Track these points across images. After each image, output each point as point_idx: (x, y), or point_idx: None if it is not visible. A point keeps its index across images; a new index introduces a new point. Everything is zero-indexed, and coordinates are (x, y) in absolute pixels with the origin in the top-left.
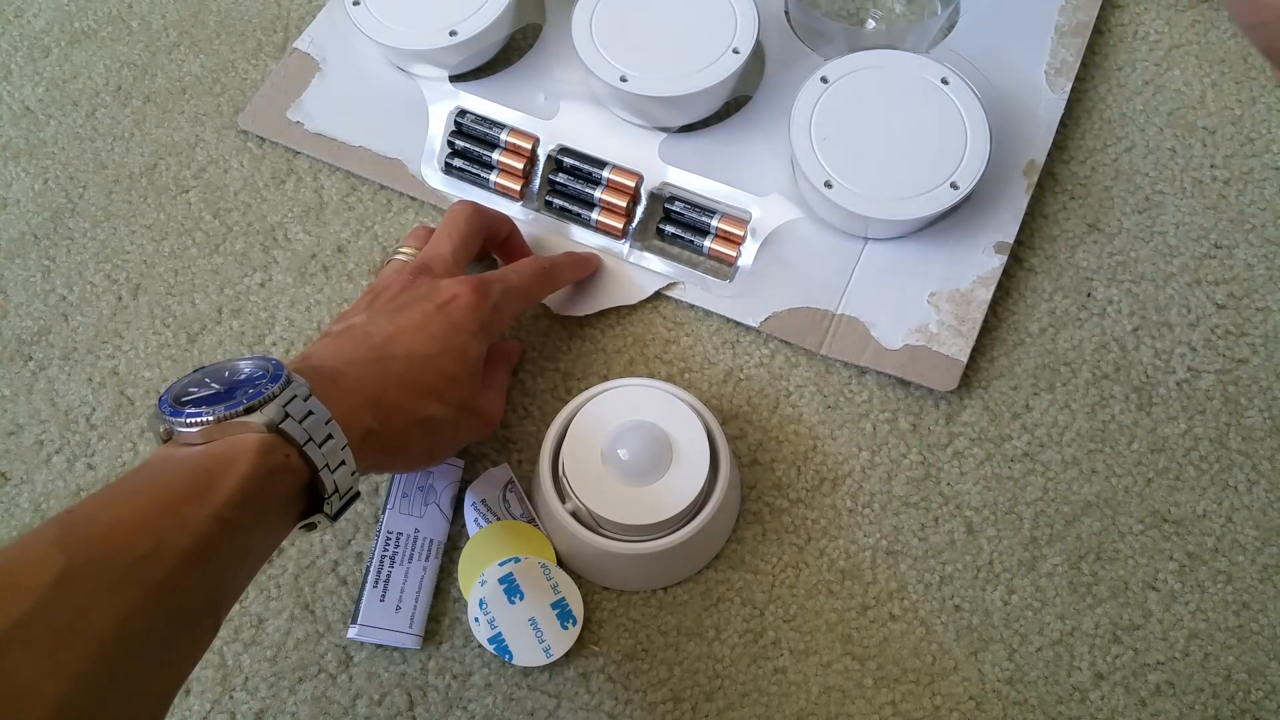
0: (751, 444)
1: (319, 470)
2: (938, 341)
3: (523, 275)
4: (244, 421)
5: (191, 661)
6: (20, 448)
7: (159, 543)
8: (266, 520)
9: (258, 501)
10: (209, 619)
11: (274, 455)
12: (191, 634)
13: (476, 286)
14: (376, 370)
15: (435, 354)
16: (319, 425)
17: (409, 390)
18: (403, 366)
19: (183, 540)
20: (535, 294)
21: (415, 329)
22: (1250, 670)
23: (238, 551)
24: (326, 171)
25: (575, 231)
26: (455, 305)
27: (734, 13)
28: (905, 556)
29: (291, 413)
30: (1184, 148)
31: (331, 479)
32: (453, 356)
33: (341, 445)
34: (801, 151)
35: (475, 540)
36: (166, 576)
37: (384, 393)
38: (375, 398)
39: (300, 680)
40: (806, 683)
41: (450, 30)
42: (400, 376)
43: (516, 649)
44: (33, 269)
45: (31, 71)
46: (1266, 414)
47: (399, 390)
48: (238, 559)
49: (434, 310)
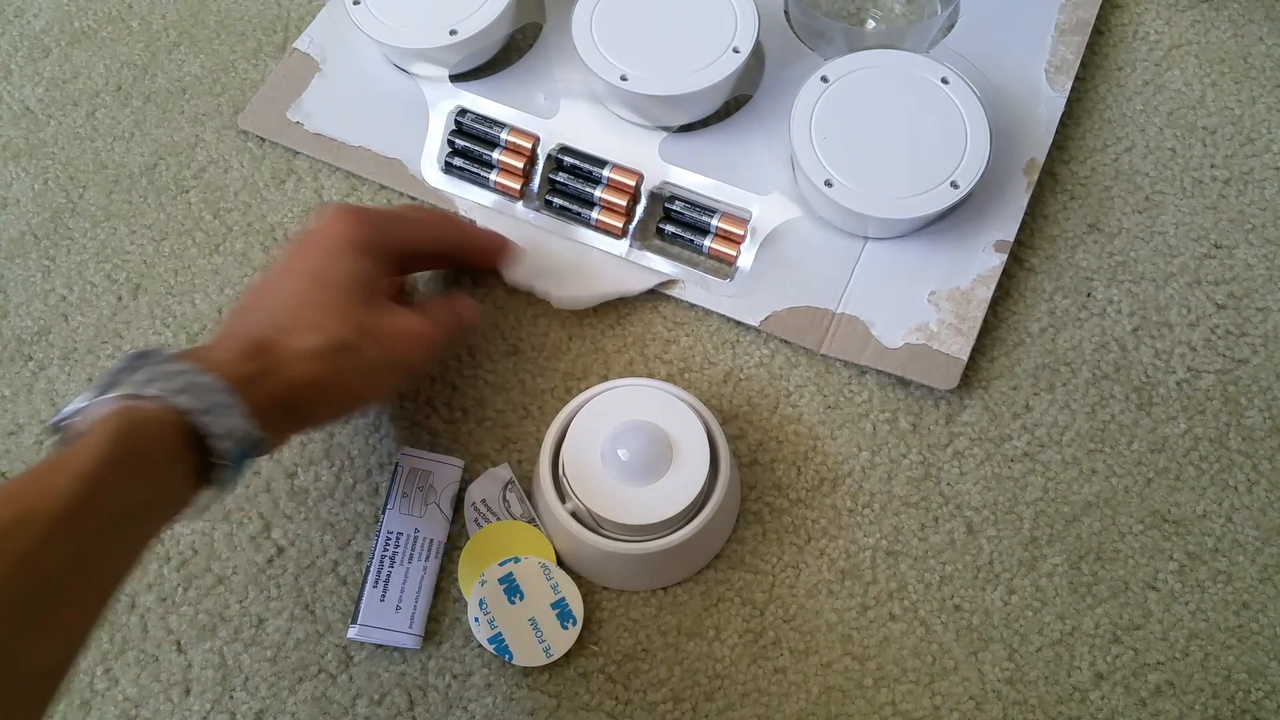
0: (751, 444)
1: (189, 415)
2: (938, 340)
3: (415, 208)
4: (105, 399)
5: (79, 632)
6: (20, 448)
7: (24, 511)
8: (144, 474)
9: (126, 457)
10: (91, 585)
11: (135, 412)
12: (73, 602)
13: (345, 208)
14: (250, 320)
15: (306, 286)
16: (175, 376)
17: (284, 328)
18: (273, 305)
19: (48, 506)
20: (432, 229)
21: (283, 269)
22: (1250, 670)
23: (114, 511)
24: (326, 171)
25: (576, 231)
26: (323, 233)
27: (734, 12)
28: (905, 556)
29: (151, 376)
30: (1184, 148)
31: (212, 423)
32: (324, 281)
33: (214, 389)
34: (802, 150)
35: (475, 540)
36: (33, 543)
37: (259, 335)
38: (251, 342)
39: (300, 680)
40: (806, 683)
41: (450, 29)
42: (273, 316)
43: (516, 649)
44: (33, 269)
45: (31, 71)
46: (1266, 414)
47: (273, 330)
48: (115, 519)
49: (301, 244)
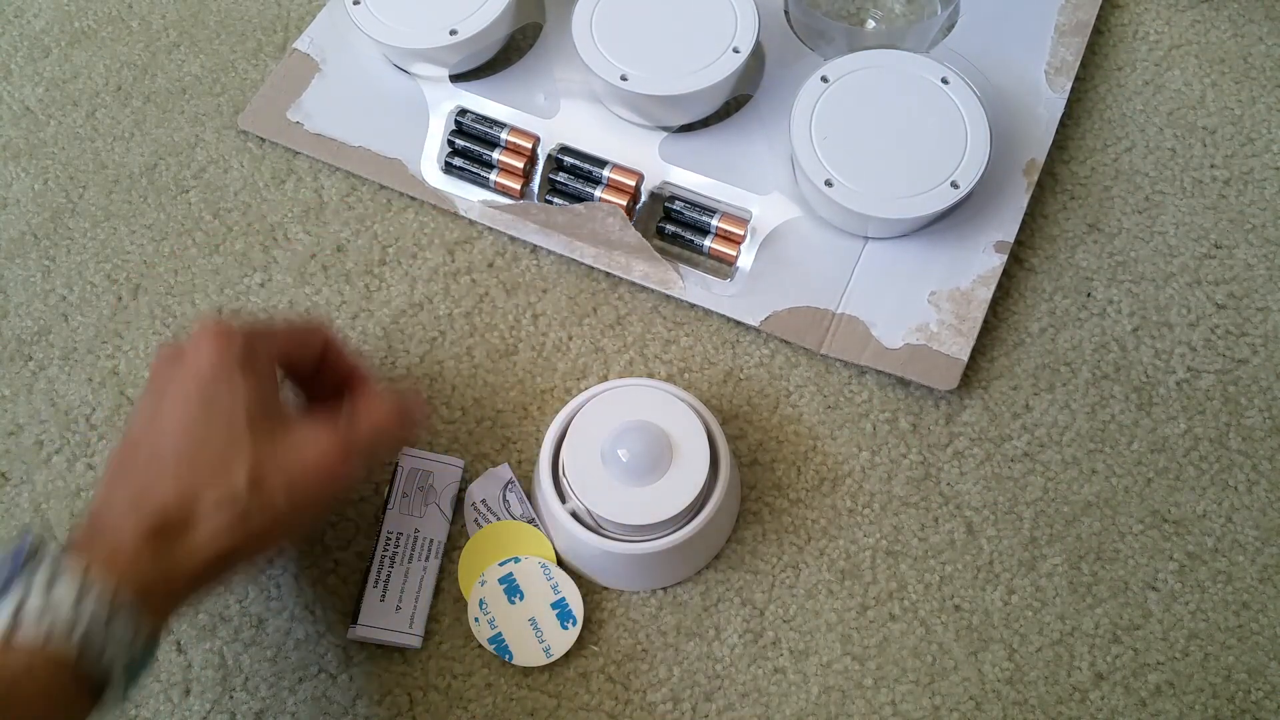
0: (751, 444)
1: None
2: (938, 340)
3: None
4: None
5: None
6: (20, 448)
7: None
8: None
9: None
10: None
11: (16, 656)
12: None
13: (212, 327)
14: (144, 476)
15: (195, 420)
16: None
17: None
18: (166, 451)
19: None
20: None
21: (164, 404)
22: (1250, 670)
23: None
24: (326, 171)
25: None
26: (199, 358)
27: (734, 12)
28: (905, 556)
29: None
30: (1184, 148)
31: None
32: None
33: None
34: (802, 150)
35: (475, 540)
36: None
37: (160, 504)
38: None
39: (300, 680)
40: (806, 683)
41: (450, 29)
42: (171, 468)
43: (516, 649)
44: (33, 269)
45: (31, 71)
46: (1266, 414)
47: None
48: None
49: (176, 373)
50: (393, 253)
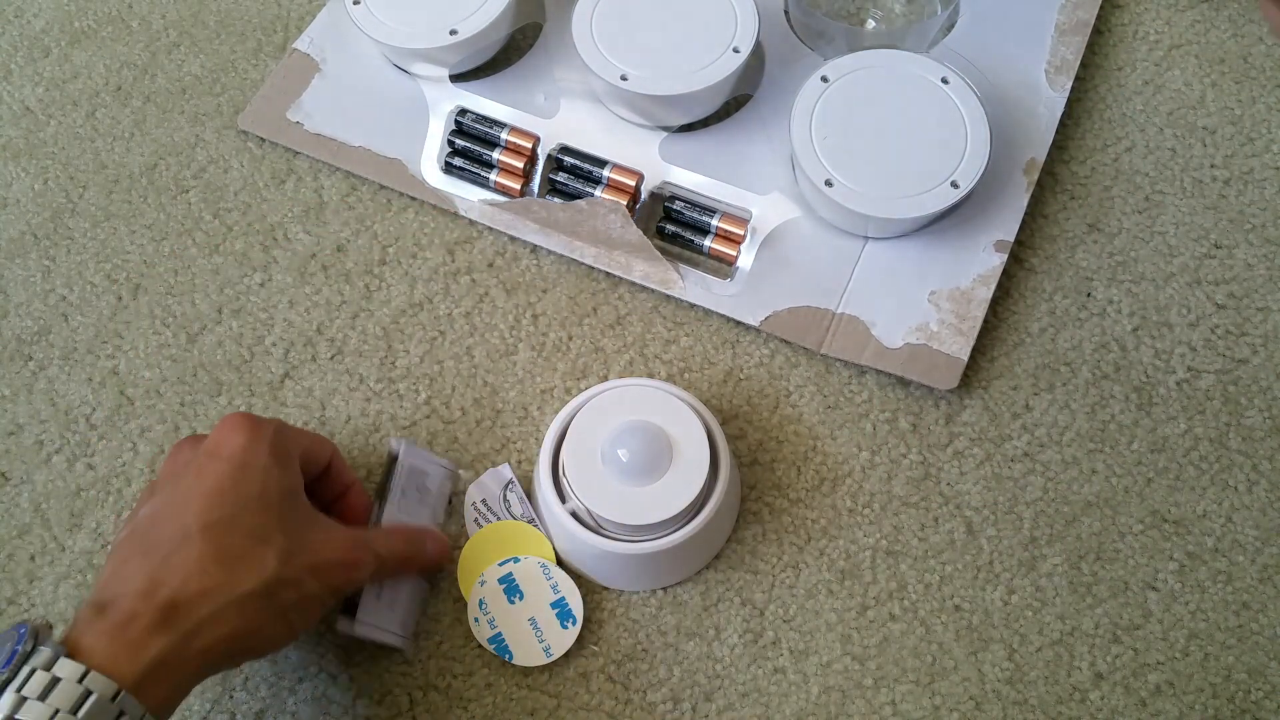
0: (751, 444)
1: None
2: (938, 340)
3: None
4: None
5: None
6: (20, 448)
7: None
8: None
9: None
10: None
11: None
12: None
13: (244, 419)
14: (151, 567)
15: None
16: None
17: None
18: (179, 531)
19: None
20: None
21: (175, 485)
22: (1250, 670)
23: None
24: (326, 171)
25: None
26: (228, 446)
27: (734, 12)
28: (905, 556)
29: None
30: (1184, 148)
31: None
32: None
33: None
34: (802, 150)
35: (475, 540)
36: None
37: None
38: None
39: (300, 680)
40: (806, 683)
41: (451, 29)
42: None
43: (516, 649)
44: (33, 269)
45: (31, 71)
46: (1266, 414)
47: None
48: None
49: (205, 462)
50: (393, 253)
